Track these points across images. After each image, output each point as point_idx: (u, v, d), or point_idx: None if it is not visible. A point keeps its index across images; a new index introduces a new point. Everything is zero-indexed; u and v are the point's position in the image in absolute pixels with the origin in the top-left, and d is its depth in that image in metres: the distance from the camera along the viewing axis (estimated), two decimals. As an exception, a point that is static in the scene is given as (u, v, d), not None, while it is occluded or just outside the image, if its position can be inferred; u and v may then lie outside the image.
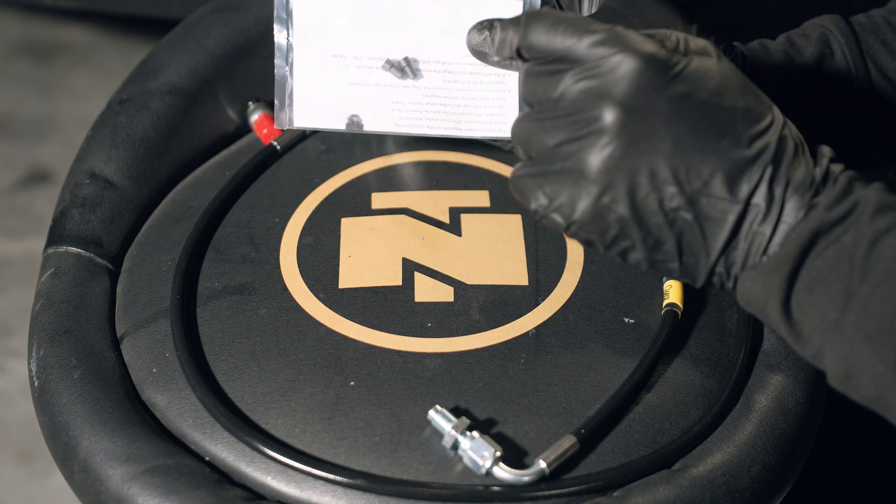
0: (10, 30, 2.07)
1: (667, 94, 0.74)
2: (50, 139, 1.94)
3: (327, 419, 0.84)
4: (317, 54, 0.92)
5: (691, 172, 0.75)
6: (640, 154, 0.75)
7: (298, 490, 0.82)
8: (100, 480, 0.83)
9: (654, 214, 0.76)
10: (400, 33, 0.92)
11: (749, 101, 0.76)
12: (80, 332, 0.91)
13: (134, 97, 1.04)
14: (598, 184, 0.75)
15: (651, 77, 0.74)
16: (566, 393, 0.85)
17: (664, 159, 0.75)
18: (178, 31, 1.08)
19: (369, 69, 0.93)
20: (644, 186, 0.75)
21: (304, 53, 0.92)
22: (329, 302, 0.91)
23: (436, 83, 0.93)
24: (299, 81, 0.93)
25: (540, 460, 0.81)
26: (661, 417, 0.86)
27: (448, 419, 0.82)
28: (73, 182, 1.00)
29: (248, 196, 0.99)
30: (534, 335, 0.88)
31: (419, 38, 0.92)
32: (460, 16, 0.92)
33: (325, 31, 0.91)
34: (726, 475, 0.83)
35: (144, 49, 1.13)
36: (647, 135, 0.75)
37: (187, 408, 0.86)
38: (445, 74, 0.93)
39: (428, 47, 0.92)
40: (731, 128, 0.75)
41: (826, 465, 1.20)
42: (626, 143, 0.75)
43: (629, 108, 0.74)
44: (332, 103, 0.93)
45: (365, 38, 0.92)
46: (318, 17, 0.92)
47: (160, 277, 0.94)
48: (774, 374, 0.88)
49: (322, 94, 0.93)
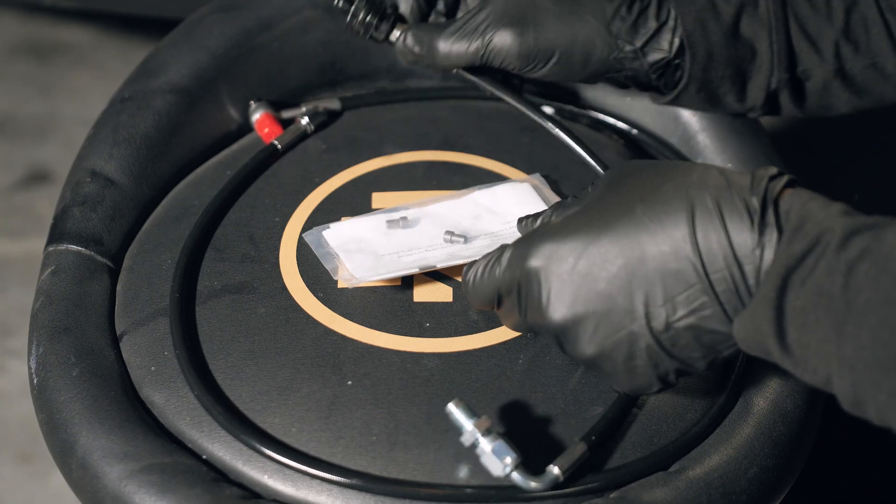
0: (10, 30, 2.07)
1: (576, 264, 0.78)
2: (50, 139, 1.94)
3: (324, 418, 0.84)
4: (365, 257, 0.93)
5: (654, 301, 0.77)
6: (603, 324, 0.78)
7: (295, 489, 0.82)
8: (97, 478, 0.83)
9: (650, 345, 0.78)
10: (433, 233, 0.95)
11: (652, 209, 0.77)
12: (79, 330, 0.91)
13: (136, 96, 1.04)
14: (614, 366, 0.79)
15: (553, 268, 0.79)
16: (563, 394, 0.85)
17: (627, 309, 0.78)
18: (181, 31, 1.08)
19: (419, 252, 0.94)
20: (634, 338, 0.78)
21: (354, 259, 0.93)
22: (328, 301, 0.91)
23: (486, 243, 0.94)
24: (356, 270, 0.92)
25: (554, 467, 0.81)
26: (659, 419, 0.86)
27: (469, 415, 0.80)
28: (74, 180, 1.00)
29: (248, 195, 1.00)
30: (532, 336, 0.88)
31: (454, 228, 0.95)
32: (482, 204, 0.97)
33: (365, 246, 0.94)
34: (723, 477, 0.83)
35: (144, 49, 1.13)
36: (592, 304, 0.78)
37: (185, 406, 0.86)
38: (492, 238, 0.95)
39: (465, 229, 0.96)
40: (639, 242, 0.77)
41: (825, 468, 1.19)
42: (593, 322, 0.78)
43: (560, 304, 0.79)
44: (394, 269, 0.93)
45: (403, 241, 0.95)
46: (353, 239, 0.94)
47: (160, 276, 0.94)
48: (773, 377, 0.88)
49: (382, 270, 0.93)
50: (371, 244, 0.94)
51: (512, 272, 0.81)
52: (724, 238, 0.75)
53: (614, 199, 0.79)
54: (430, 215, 0.96)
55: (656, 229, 0.76)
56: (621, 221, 0.77)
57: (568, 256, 0.78)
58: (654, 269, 0.76)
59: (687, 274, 0.75)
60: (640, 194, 0.78)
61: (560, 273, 0.78)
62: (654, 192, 0.77)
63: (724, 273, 0.75)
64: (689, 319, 0.76)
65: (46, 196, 1.87)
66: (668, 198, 0.76)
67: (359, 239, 0.94)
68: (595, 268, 0.77)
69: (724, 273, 0.75)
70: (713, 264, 0.75)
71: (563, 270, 0.78)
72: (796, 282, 0.72)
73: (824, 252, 0.71)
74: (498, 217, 0.96)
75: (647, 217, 0.76)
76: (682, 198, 0.76)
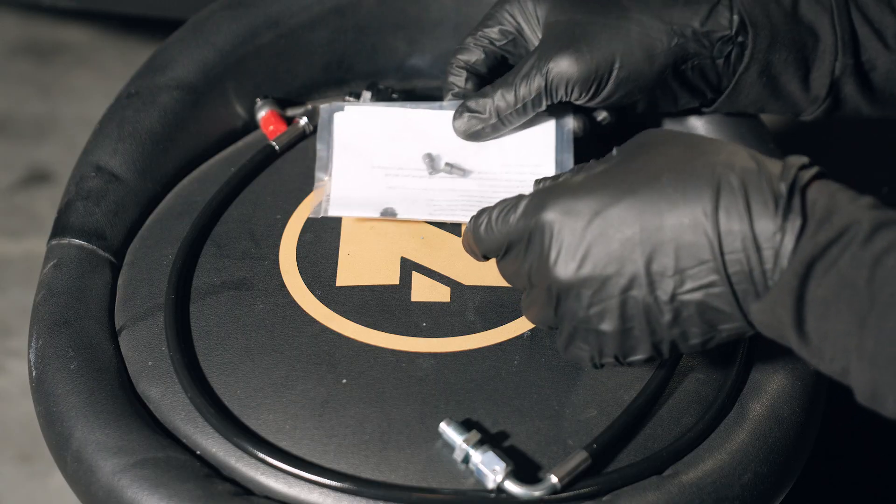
0: (10, 30, 2.07)
1: (591, 222, 0.78)
2: (50, 139, 1.94)
3: (318, 416, 0.84)
4: (355, 164, 0.96)
5: (663, 271, 0.76)
6: (608, 285, 0.78)
7: (287, 486, 0.82)
8: (91, 471, 0.83)
9: (664, 312, 0.78)
10: (437, 148, 0.97)
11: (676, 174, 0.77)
12: (78, 324, 0.91)
13: (142, 91, 1.04)
14: (611, 327, 0.79)
15: (568, 223, 0.78)
16: (558, 396, 0.85)
17: (635, 274, 0.77)
18: (188, 27, 1.08)
19: (406, 177, 0.96)
20: (636, 303, 0.78)
21: (343, 162, 0.96)
22: (325, 299, 0.91)
23: (470, 186, 0.96)
24: (337, 184, 0.95)
25: (551, 475, 0.81)
26: (654, 423, 0.85)
27: (459, 432, 0.82)
28: (78, 174, 1.00)
29: (250, 192, 1.00)
30: (528, 337, 0.88)
31: (455, 150, 0.97)
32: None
33: (364, 145, 0.97)
34: (716, 482, 0.82)
35: (144, 49, 1.13)
36: (601, 264, 0.77)
37: (180, 401, 0.86)
38: (480, 180, 0.96)
39: (464, 157, 0.97)
40: (659, 206, 0.76)
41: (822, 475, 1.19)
42: (597, 283, 0.78)
43: (569, 260, 0.78)
44: (367, 200, 0.95)
45: (402, 153, 0.97)
46: (358, 133, 0.97)
47: (160, 271, 0.94)
48: (770, 382, 0.88)
49: (359, 193, 0.95)
50: (371, 145, 0.96)
51: (526, 221, 0.80)
52: (745, 220, 0.74)
53: (640, 165, 0.78)
54: (442, 125, 0.98)
55: (679, 201, 0.76)
56: (645, 188, 0.77)
57: (585, 213, 0.78)
58: (670, 238, 0.76)
59: (701, 250, 0.75)
60: (668, 164, 0.77)
61: (575, 228, 0.78)
62: (683, 164, 0.77)
63: (739, 255, 0.74)
64: (696, 295, 0.76)
65: (46, 196, 1.88)
66: (695, 172, 0.76)
67: (364, 132, 0.96)
68: (611, 229, 0.77)
69: (739, 255, 0.74)
70: (730, 244, 0.74)
71: (578, 226, 0.78)
72: (819, 271, 0.72)
73: (850, 243, 0.71)
74: (501, 154, 0.97)
75: (671, 188, 0.76)
76: (710, 174, 0.76)
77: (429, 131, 0.98)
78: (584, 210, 0.78)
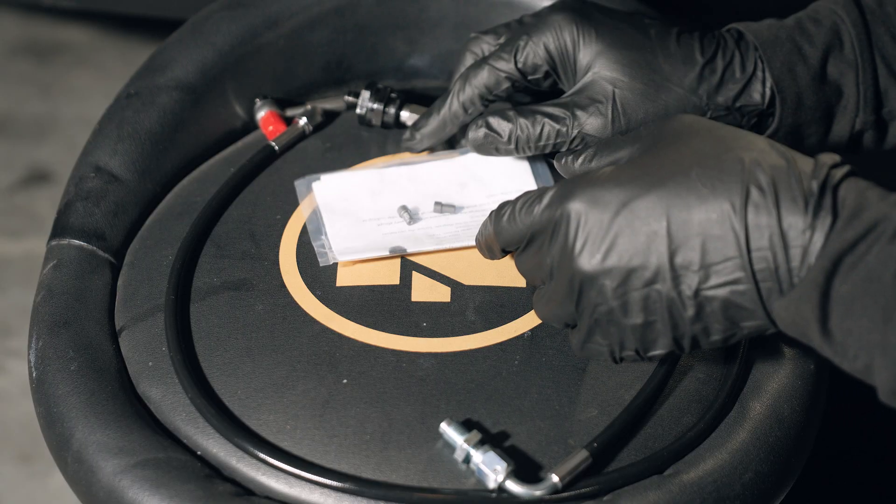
0: (10, 30, 2.07)
1: (619, 213, 0.77)
2: (50, 139, 1.94)
3: (318, 416, 0.84)
4: (347, 221, 0.96)
5: (688, 265, 0.76)
6: (632, 278, 0.77)
7: (287, 487, 0.82)
8: (92, 472, 0.83)
9: (688, 307, 0.77)
10: (417, 198, 0.97)
11: (705, 163, 0.77)
12: (79, 325, 0.91)
13: (141, 92, 1.04)
14: (633, 320, 0.79)
15: (595, 213, 0.78)
16: (558, 395, 0.85)
17: (660, 268, 0.77)
18: (187, 28, 1.08)
19: (400, 222, 0.96)
20: (660, 297, 0.77)
21: (335, 222, 0.96)
22: (326, 299, 0.91)
23: (464, 218, 0.96)
24: (335, 239, 0.95)
25: (552, 475, 0.81)
26: (655, 423, 0.85)
27: (460, 432, 0.82)
28: (78, 175, 1.00)
29: (250, 192, 1.00)
30: (529, 337, 0.88)
31: (438, 194, 0.98)
32: (471, 170, 0.99)
33: (349, 206, 0.97)
34: (717, 482, 0.82)
35: (144, 49, 1.13)
36: (627, 256, 0.77)
37: (181, 402, 0.86)
38: (472, 212, 0.97)
39: (448, 196, 0.97)
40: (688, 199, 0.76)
41: (823, 474, 1.19)
42: (621, 275, 0.78)
43: (594, 251, 0.78)
44: (371, 245, 0.95)
45: (388, 206, 0.97)
46: (340, 197, 0.97)
47: (160, 272, 0.94)
48: (771, 381, 0.88)
49: (360, 242, 0.95)
50: (356, 205, 0.96)
51: (552, 211, 0.80)
52: (774, 219, 0.74)
53: (669, 157, 0.78)
54: (418, 178, 0.98)
55: (708, 196, 0.76)
56: (673, 181, 0.77)
57: (612, 204, 0.77)
58: (697, 233, 0.76)
59: (728, 245, 0.75)
60: (698, 158, 0.77)
61: (602, 219, 0.78)
62: (713, 160, 0.76)
63: (766, 253, 0.74)
64: (721, 291, 0.76)
65: (46, 196, 1.87)
66: (725, 167, 0.76)
67: (346, 196, 0.97)
68: (638, 221, 0.77)
69: (766, 253, 0.74)
70: (757, 241, 0.74)
71: (605, 217, 0.78)
72: (846, 267, 0.72)
73: (878, 239, 0.71)
74: (484, 187, 0.97)
75: (700, 182, 0.76)
76: (740, 170, 0.75)
77: (405, 185, 0.98)
78: (612, 201, 0.78)
